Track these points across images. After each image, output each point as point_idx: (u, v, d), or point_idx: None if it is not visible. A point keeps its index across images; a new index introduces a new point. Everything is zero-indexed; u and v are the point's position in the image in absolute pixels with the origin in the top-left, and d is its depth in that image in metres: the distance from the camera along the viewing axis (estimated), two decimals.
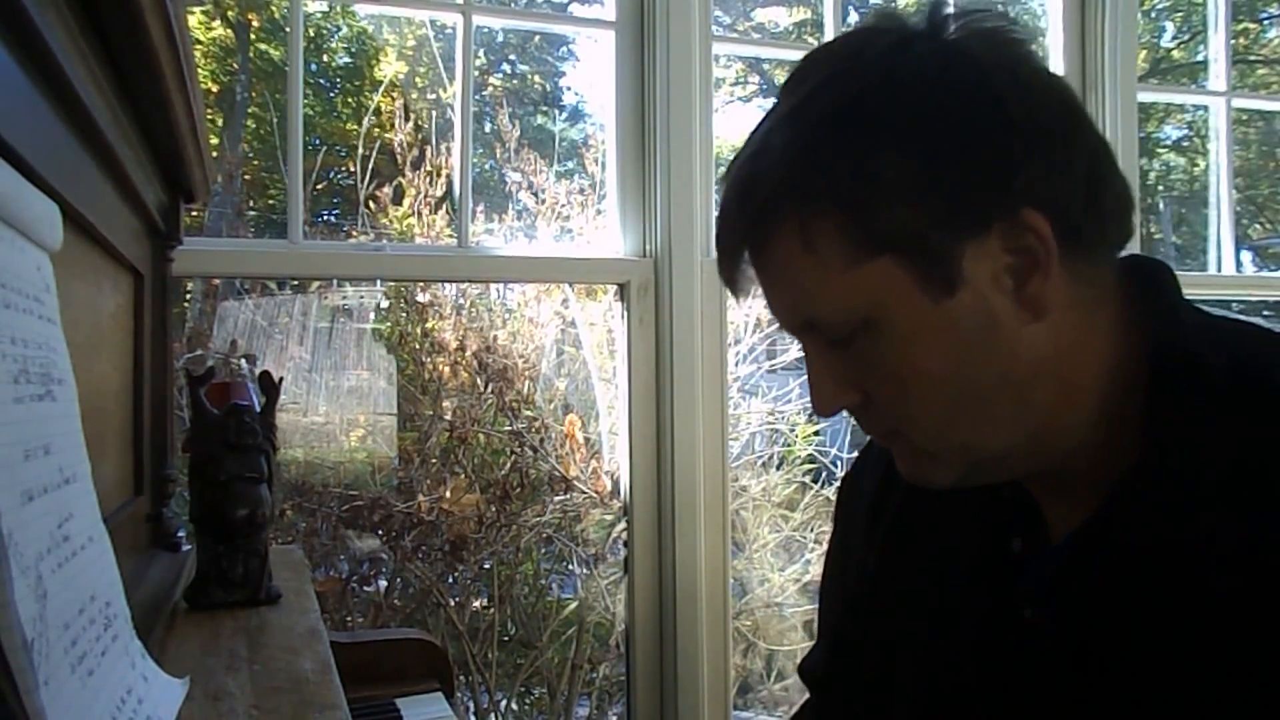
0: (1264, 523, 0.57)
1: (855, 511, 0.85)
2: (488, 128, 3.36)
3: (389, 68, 4.17)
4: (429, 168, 2.53)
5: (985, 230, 0.59)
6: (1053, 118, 0.61)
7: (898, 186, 0.59)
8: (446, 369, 2.45)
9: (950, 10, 0.64)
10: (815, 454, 2.76)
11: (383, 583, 2.36)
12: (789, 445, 2.74)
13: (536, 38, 4.63)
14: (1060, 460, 0.65)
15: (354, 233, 2.73)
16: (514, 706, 2.41)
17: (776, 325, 0.69)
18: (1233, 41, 2.71)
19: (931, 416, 0.63)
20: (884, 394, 0.64)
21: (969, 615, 0.71)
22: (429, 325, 2.50)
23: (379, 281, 2.55)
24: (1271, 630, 0.56)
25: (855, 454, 0.90)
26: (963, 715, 0.71)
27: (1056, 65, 2.30)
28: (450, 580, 2.38)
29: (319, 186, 3.47)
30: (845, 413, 0.68)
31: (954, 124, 0.59)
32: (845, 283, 0.61)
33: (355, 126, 3.51)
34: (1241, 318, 0.69)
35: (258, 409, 1.02)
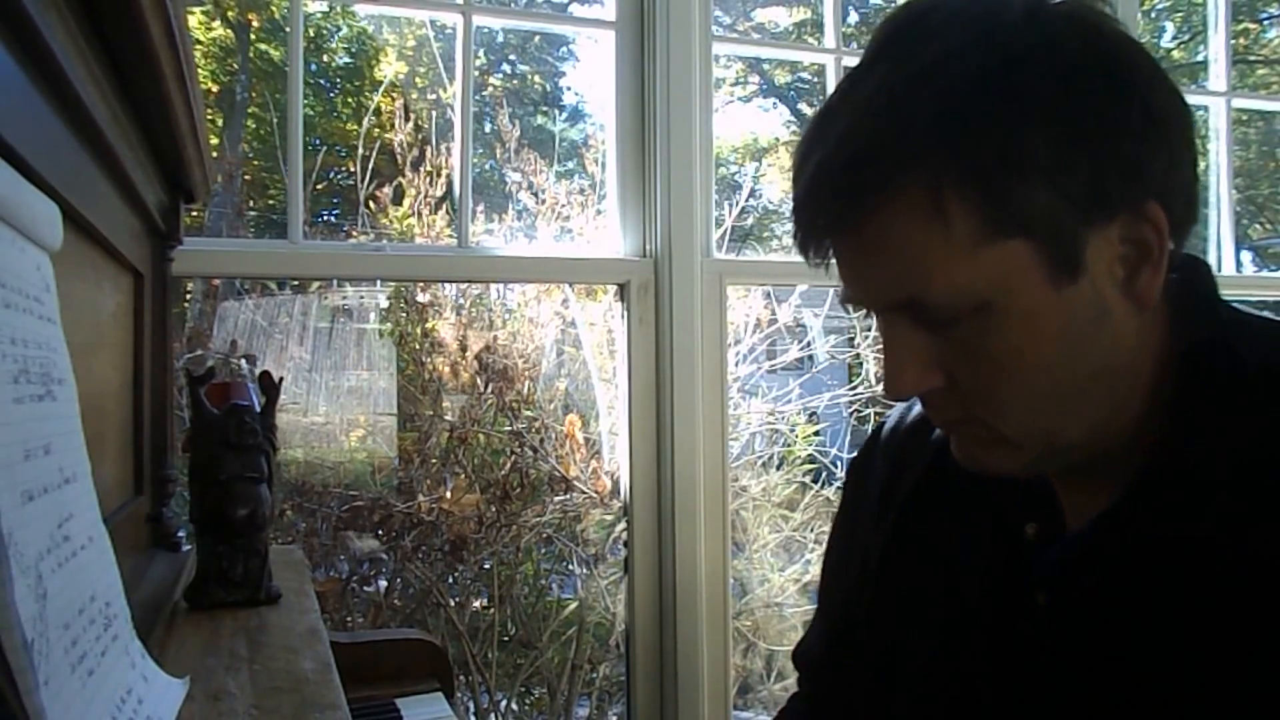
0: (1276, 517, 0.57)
1: (864, 495, 0.84)
2: (488, 128, 3.36)
3: (389, 68, 4.17)
4: (429, 168, 2.53)
5: (1111, 218, 0.58)
6: (1175, 107, 0.59)
7: (1041, 166, 0.56)
8: (446, 369, 2.45)
9: None
10: (815, 454, 2.76)
11: (383, 583, 2.36)
12: (789, 445, 2.74)
13: (536, 38, 4.63)
14: (1100, 452, 0.64)
15: (354, 233, 2.73)
16: (514, 706, 2.41)
17: (848, 300, 0.65)
18: (1233, 41, 2.71)
19: (1025, 403, 0.61)
20: (978, 379, 0.61)
21: (980, 600, 0.71)
22: (429, 325, 2.50)
23: (379, 281, 2.55)
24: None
25: (855, 453, 0.89)
26: (971, 700, 0.70)
27: None
28: (450, 580, 2.38)
29: (319, 186, 3.47)
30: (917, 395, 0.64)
31: (1100, 106, 0.56)
32: (971, 262, 0.57)
33: (355, 126, 3.51)
34: (1270, 316, 0.68)
35: (258, 409, 1.02)
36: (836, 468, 2.74)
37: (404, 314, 2.57)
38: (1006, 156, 0.55)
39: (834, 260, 0.63)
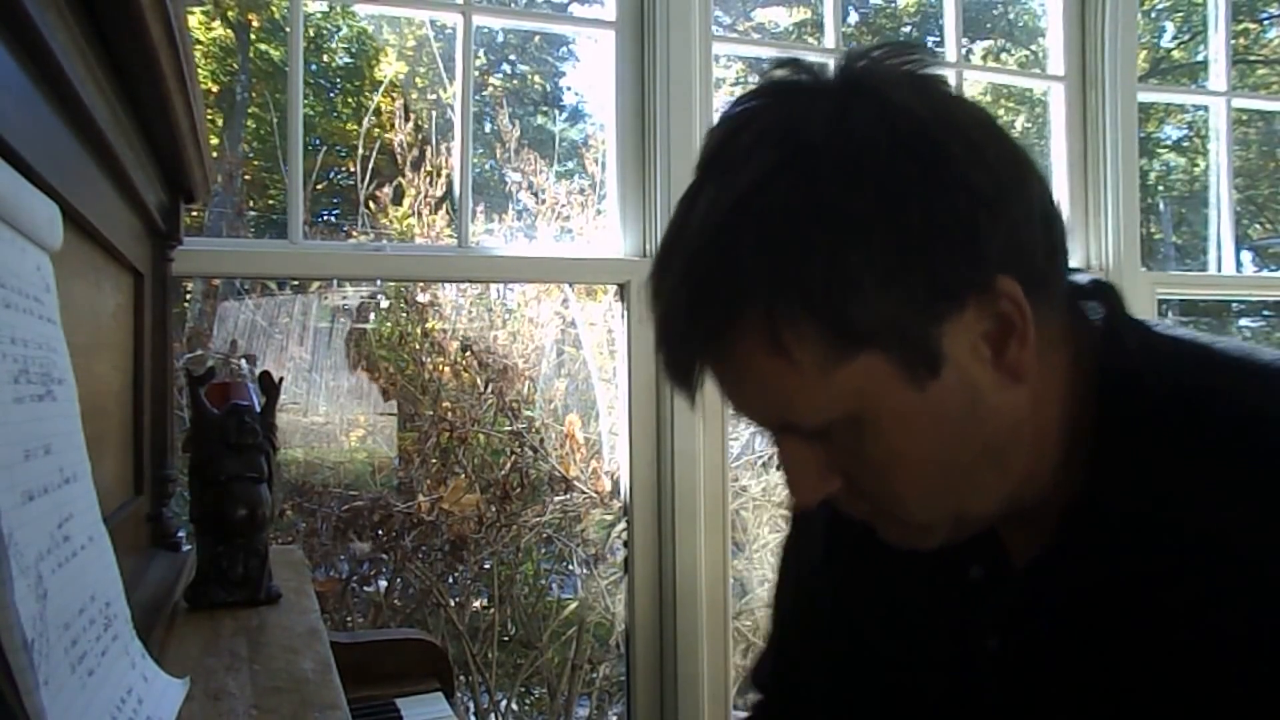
0: (1210, 551, 0.57)
1: (803, 565, 0.84)
2: (488, 128, 3.36)
3: (389, 68, 4.17)
4: (429, 168, 2.53)
5: (962, 306, 0.57)
6: (1004, 167, 0.58)
7: (872, 279, 0.55)
8: (446, 369, 2.45)
9: (860, 55, 0.60)
10: None
11: (383, 583, 2.36)
12: None
13: (536, 38, 4.63)
14: (1027, 505, 0.65)
15: (354, 233, 2.73)
16: (514, 706, 2.41)
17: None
18: (1233, 41, 2.71)
19: (920, 494, 0.61)
20: (868, 480, 0.62)
21: (930, 646, 0.71)
22: (429, 325, 2.50)
23: (379, 281, 2.55)
24: (1222, 651, 0.56)
25: None
26: None
27: (1056, 65, 2.30)
28: (450, 580, 2.38)
29: (319, 186, 3.47)
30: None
31: (920, 204, 0.55)
32: (825, 384, 0.57)
33: (355, 126, 3.51)
34: (1188, 334, 0.67)
35: (258, 409, 1.02)
36: None
37: (404, 314, 2.57)
38: (832, 280, 0.55)
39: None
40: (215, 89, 3.90)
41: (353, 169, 2.62)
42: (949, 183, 0.56)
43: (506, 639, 2.40)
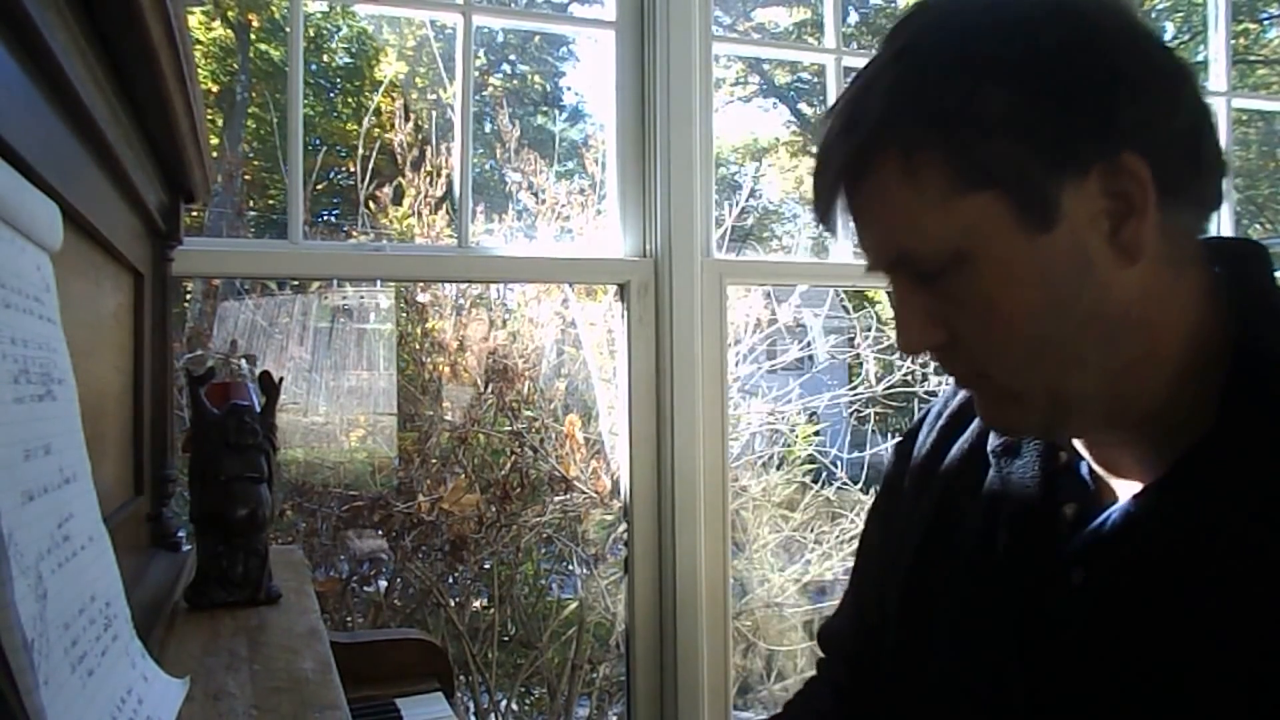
0: None
1: (903, 476, 0.85)
2: (488, 128, 3.36)
3: (389, 68, 4.17)
4: (429, 168, 2.53)
5: (1085, 171, 0.60)
6: (1157, 68, 0.61)
7: (1001, 121, 0.59)
8: (446, 369, 2.45)
9: None
10: (815, 454, 2.76)
11: (383, 583, 2.36)
12: (789, 445, 2.74)
13: (536, 38, 4.63)
14: (1133, 422, 0.65)
15: (354, 233, 2.73)
16: (514, 706, 2.41)
17: (867, 267, 0.69)
18: (1233, 41, 2.71)
19: (1018, 354, 0.63)
20: (972, 331, 0.64)
21: (1015, 578, 0.71)
22: (429, 325, 2.50)
23: (379, 281, 2.55)
24: None
25: (855, 453, 0.91)
26: (1004, 678, 0.70)
27: None
28: (450, 580, 2.38)
29: (319, 186, 3.47)
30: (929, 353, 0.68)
31: (1060, 64, 0.59)
32: (943, 213, 0.61)
33: (355, 126, 3.51)
34: None
35: (258, 409, 1.02)
36: (836, 468, 2.74)
37: (404, 314, 2.57)
38: (965, 114, 0.60)
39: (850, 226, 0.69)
40: (215, 89, 3.91)
41: (353, 169, 2.62)
42: (1096, 54, 0.60)
43: (506, 639, 2.40)
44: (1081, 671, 0.65)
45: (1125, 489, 0.67)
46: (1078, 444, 0.71)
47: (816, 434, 2.82)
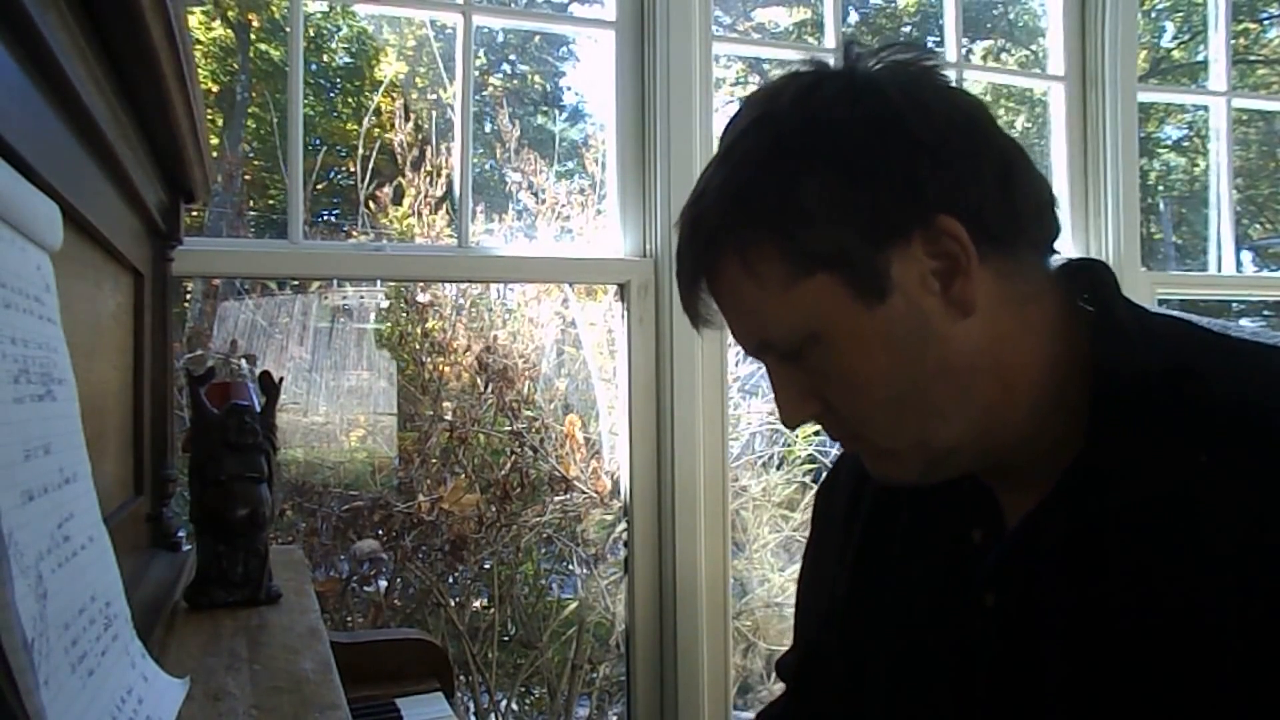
0: (1190, 499, 0.61)
1: (830, 520, 0.89)
2: (488, 128, 3.36)
3: (389, 68, 4.17)
4: (429, 168, 2.52)
5: (907, 239, 0.65)
6: (955, 130, 0.66)
7: (820, 208, 0.64)
8: (446, 369, 2.45)
9: (864, 50, 0.69)
10: (815, 454, 2.76)
11: (383, 583, 2.36)
12: (789, 445, 2.74)
13: (536, 38, 4.63)
14: (1008, 452, 0.69)
15: (354, 233, 2.73)
16: (514, 706, 2.41)
17: (743, 352, 0.75)
18: (1233, 41, 2.71)
19: (883, 416, 0.68)
20: (839, 401, 0.69)
21: (936, 606, 0.75)
22: (429, 325, 2.50)
23: (379, 281, 2.55)
24: (1206, 597, 0.59)
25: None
26: (934, 706, 0.74)
27: (1056, 65, 2.30)
28: (450, 580, 2.38)
29: (319, 186, 3.47)
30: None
31: (864, 148, 0.64)
32: (787, 301, 0.66)
33: (355, 126, 3.51)
34: (1174, 314, 0.75)
35: (258, 409, 1.02)
36: None
37: (404, 314, 2.57)
38: (786, 207, 0.65)
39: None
40: (215, 89, 3.90)
41: (353, 169, 2.62)
42: (893, 131, 0.65)
43: (506, 639, 2.40)
44: (1005, 692, 0.69)
45: (1019, 508, 0.70)
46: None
47: (816, 434, 2.81)
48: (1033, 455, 0.69)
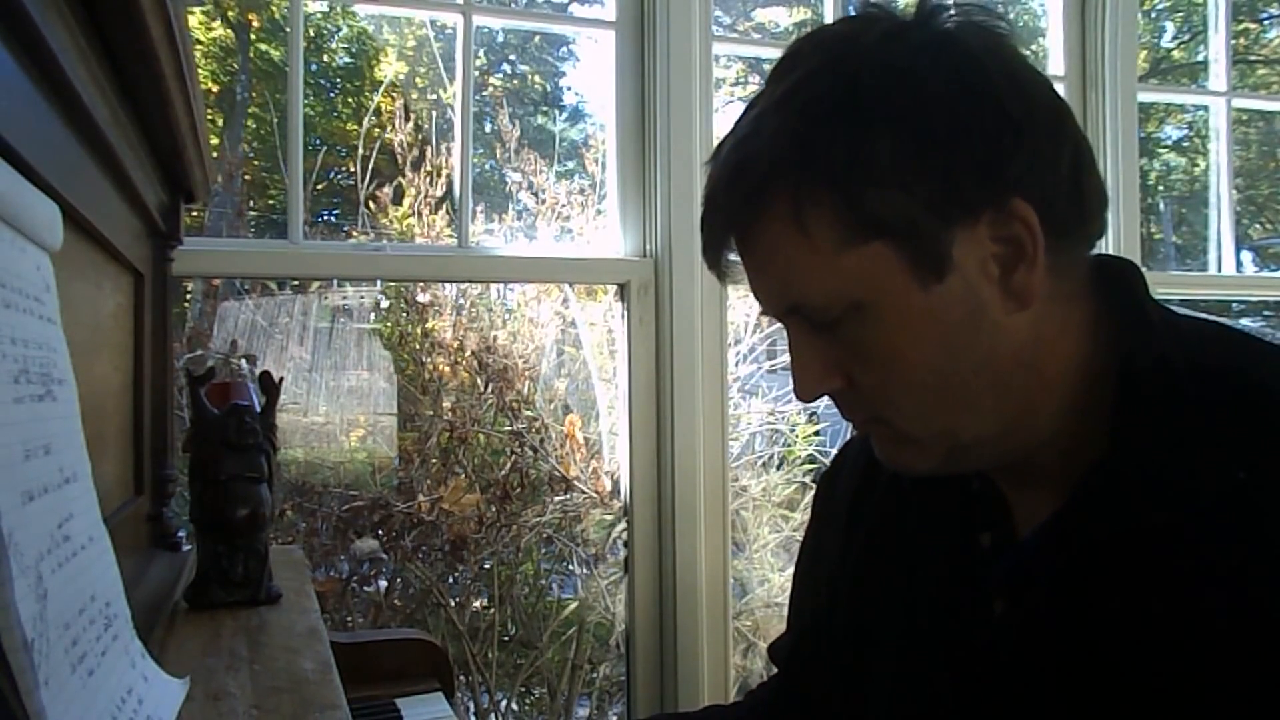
0: (1223, 519, 0.58)
1: (832, 509, 0.85)
2: (488, 128, 3.35)
3: (389, 68, 4.17)
4: (429, 168, 2.52)
5: (975, 218, 0.60)
6: (1042, 110, 0.61)
7: (892, 171, 0.59)
8: (446, 369, 2.45)
9: (939, 2, 0.64)
10: (815, 454, 2.76)
11: (383, 583, 2.36)
12: (789, 445, 2.74)
13: (536, 38, 4.63)
14: (1029, 452, 0.66)
15: (354, 233, 2.72)
16: (514, 706, 2.41)
17: (760, 311, 0.69)
18: (1233, 41, 2.71)
19: (914, 401, 0.63)
20: (868, 378, 0.64)
21: (941, 610, 0.72)
22: (429, 325, 2.50)
23: (379, 281, 2.55)
24: (1232, 622, 0.56)
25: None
26: (935, 709, 0.71)
27: (1056, 65, 2.30)
28: (450, 580, 2.38)
29: (319, 186, 3.46)
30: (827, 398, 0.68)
31: (948, 112, 0.59)
32: (837, 265, 0.61)
33: (355, 126, 3.51)
34: (1203, 316, 0.71)
35: (258, 409, 1.02)
36: None
37: (404, 314, 2.57)
38: (854, 164, 0.59)
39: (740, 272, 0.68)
40: (215, 89, 3.90)
41: (353, 169, 2.62)
42: (982, 99, 0.59)
43: (506, 639, 2.40)
44: (1011, 701, 0.65)
45: (1033, 513, 0.67)
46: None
47: (817, 434, 2.81)
48: (1050, 456, 0.65)
